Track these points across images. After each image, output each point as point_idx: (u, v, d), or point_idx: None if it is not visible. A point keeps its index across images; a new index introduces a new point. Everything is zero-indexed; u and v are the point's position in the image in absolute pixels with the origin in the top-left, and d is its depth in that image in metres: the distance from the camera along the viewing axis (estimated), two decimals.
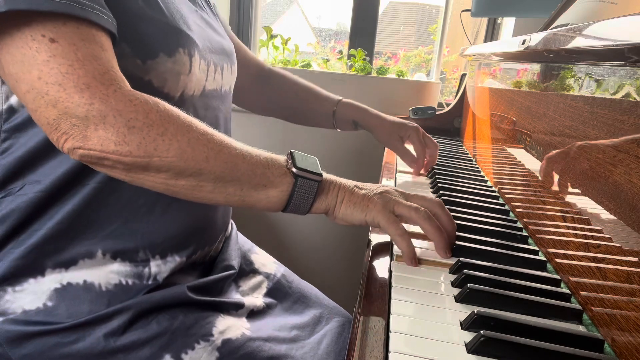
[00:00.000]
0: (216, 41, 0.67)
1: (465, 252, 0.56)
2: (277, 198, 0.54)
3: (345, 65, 1.59)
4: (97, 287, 0.56)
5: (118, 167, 0.48)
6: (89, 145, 0.46)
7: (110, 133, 0.45)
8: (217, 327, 0.60)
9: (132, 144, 0.46)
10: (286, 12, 2.46)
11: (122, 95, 0.46)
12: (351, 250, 1.64)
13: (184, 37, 0.57)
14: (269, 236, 1.67)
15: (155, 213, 0.58)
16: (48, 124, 0.46)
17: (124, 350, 0.55)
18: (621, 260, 0.41)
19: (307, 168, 0.55)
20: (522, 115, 0.75)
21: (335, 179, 0.58)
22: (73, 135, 0.45)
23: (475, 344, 0.38)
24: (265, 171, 0.53)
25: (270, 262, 0.81)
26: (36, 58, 0.44)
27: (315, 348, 0.65)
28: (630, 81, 0.42)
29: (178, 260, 0.61)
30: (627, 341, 0.38)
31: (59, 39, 0.44)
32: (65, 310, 0.55)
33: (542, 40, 0.61)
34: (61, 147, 0.47)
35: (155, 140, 0.47)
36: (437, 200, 0.59)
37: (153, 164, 0.48)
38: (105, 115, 0.45)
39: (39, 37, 0.44)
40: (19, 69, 0.44)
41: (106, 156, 0.46)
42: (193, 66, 0.58)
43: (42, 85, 0.44)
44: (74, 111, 0.44)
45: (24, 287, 0.55)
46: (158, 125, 0.47)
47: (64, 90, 0.44)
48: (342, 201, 0.57)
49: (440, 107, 1.44)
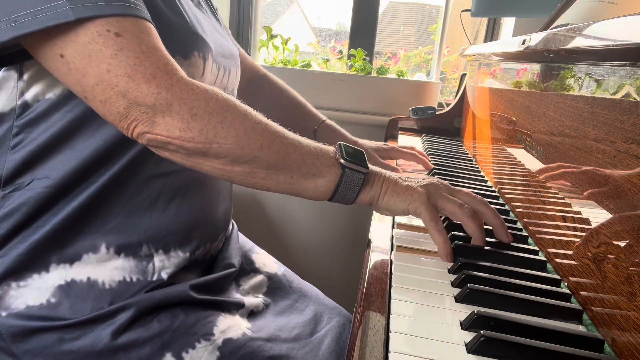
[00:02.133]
0: (225, 45, 0.69)
1: (465, 252, 0.56)
2: (324, 187, 0.56)
3: (345, 65, 1.59)
4: (100, 284, 0.57)
5: (180, 151, 0.50)
6: (157, 131, 0.49)
7: (176, 120, 0.48)
8: (218, 326, 0.60)
9: (194, 130, 0.49)
10: (286, 12, 2.46)
11: (185, 84, 0.49)
12: (351, 250, 1.64)
13: (200, 41, 0.59)
14: (270, 236, 1.67)
15: (158, 207, 0.59)
16: (118, 113, 0.48)
17: (126, 348, 0.55)
18: (621, 260, 0.41)
19: (355, 160, 0.57)
20: (522, 115, 0.75)
21: (381, 170, 0.60)
22: (143, 121, 0.48)
23: (475, 344, 0.38)
24: (315, 161, 0.56)
25: (271, 262, 0.81)
26: (104, 52, 0.46)
27: (316, 348, 0.65)
28: (630, 81, 0.42)
29: (182, 256, 0.62)
30: (627, 341, 0.38)
31: (123, 33, 0.47)
32: (69, 307, 0.55)
33: (542, 40, 0.61)
34: (130, 133, 0.50)
35: (215, 127, 0.50)
36: (481, 198, 0.60)
37: (212, 150, 0.50)
38: (171, 103, 0.48)
39: (105, 32, 0.46)
40: (86, 64, 0.46)
41: (171, 141, 0.49)
42: (206, 69, 0.60)
43: (111, 77, 0.46)
44: (143, 100, 0.47)
45: (28, 282, 0.55)
46: (218, 114, 0.50)
47: (132, 81, 0.47)
48: (387, 192, 0.58)
49: (440, 107, 1.44)
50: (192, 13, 0.60)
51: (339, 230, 1.63)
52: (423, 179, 0.60)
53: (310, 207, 1.62)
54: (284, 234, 1.67)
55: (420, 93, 1.50)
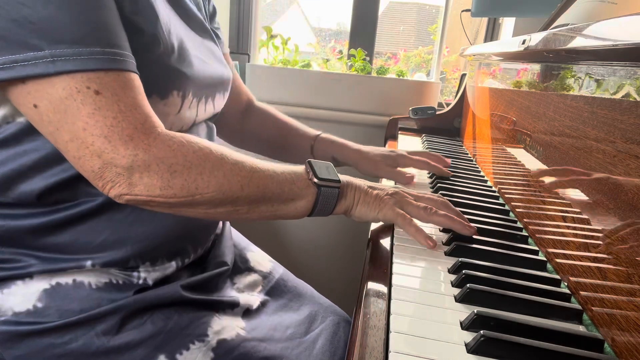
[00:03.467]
0: (215, 71, 0.67)
1: (465, 252, 0.56)
2: (304, 207, 0.59)
3: (345, 65, 1.59)
4: (87, 285, 0.56)
5: (163, 206, 0.51)
6: (136, 192, 0.48)
7: (155, 179, 0.48)
8: (212, 327, 0.60)
9: (175, 187, 0.49)
10: (286, 12, 2.46)
11: (162, 142, 0.49)
12: (348, 249, 1.64)
13: (182, 79, 0.57)
14: (266, 234, 1.67)
15: (144, 221, 0.58)
16: (92, 172, 0.47)
17: (118, 350, 0.54)
18: (621, 260, 0.41)
19: (327, 177, 0.60)
20: (522, 115, 0.75)
21: (351, 180, 0.64)
22: (119, 183, 0.48)
23: (476, 344, 0.38)
24: (292, 187, 0.58)
25: (266, 261, 0.81)
26: (80, 110, 0.45)
27: (310, 347, 0.65)
28: (630, 81, 0.42)
29: (167, 265, 0.62)
30: (627, 341, 0.38)
31: (102, 90, 0.45)
32: (56, 310, 0.54)
33: (542, 40, 0.61)
34: (107, 193, 0.49)
35: (195, 180, 0.50)
36: (443, 200, 0.64)
37: (195, 201, 0.51)
38: (149, 164, 0.48)
39: (84, 89, 0.45)
40: (61, 118, 0.45)
41: (152, 199, 0.49)
42: (183, 106, 0.59)
43: (87, 136, 0.45)
44: (119, 162, 0.47)
45: (12, 289, 0.55)
46: (196, 166, 0.50)
47: (109, 142, 0.46)
48: (359, 202, 0.62)
49: (440, 107, 1.44)
50: (179, 43, 0.57)
51: (336, 229, 1.63)
52: (390, 189, 0.65)
53: None
54: (280, 232, 1.67)
55: (420, 93, 1.50)
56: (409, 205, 0.62)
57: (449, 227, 0.60)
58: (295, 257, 1.67)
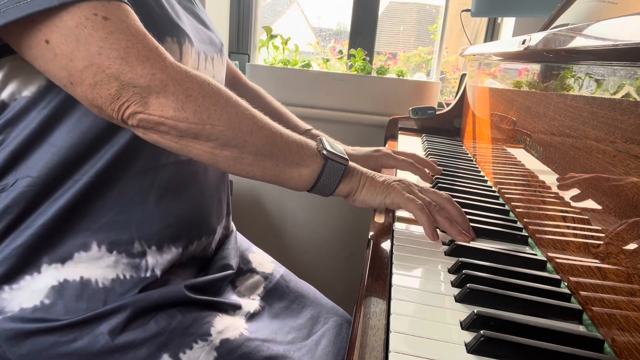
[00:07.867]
0: (204, 32, 0.68)
1: (465, 252, 0.56)
2: (307, 177, 0.58)
3: (345, 65, 1.59)
4: (93, 283, 0.56)
5: (172, 132, 0.51)
6: (150, 111, 0.49)
7: (170, 100, 0.49)
8: (216, 326, 0.60)
9: (188, 111, 0.50)
10: (286, 12, 2.45)
11: (178, 66, 0.50)
12: (349, 249, 1.64)
13: (174, 27, 0.58)
14: (268, 236, 1.67)
15: (149, 203, 0.59)
16: (110, 95, 0.48)
17: (122, 349, 0.55)
18: (621, 260, 0.41)
19: (336, 152, 0.60)
20: (522, 115, 0.75)
21: (357, 165, 0.64)
22: (135, 102, 0.48)
23: (476, 344, 0.38)
24: (300, 150, 0.58)
25: (268, 262, 0.81)
26: (93, 36, 0.46)
27: (313, 349, 0.65)
28: (630, 81, 0.42)
29: (175, 252, 0.61)
30: (627, 341, 0.38)
31: (110, 17, 0.46)
32: (63, 308, 0.55)
33: (542, 40, 0.61)
34: (121, 115, 0.49)
35: (208, 109, 0.51)
36: (447, 196, 0.64)
37: (205, 131, 0.51)
38: (166, 84, 0.48)
39: (92, 16, 0.46)
40: (74, 48, 0.46)
41: (164, 121, 0.50)
42: (184, 53, 0.59)
43: (103, 60, 0.46)
44: (137, 81, 0.47)
45: (21, 284, 0.55)
46: (211, 96, 0.51)
47: (126, 63, 0.47)
48: (364, 185, 0.62)
49: (440, 107, 1.44)
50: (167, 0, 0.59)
51: (339, 230, 1.63)
52: (396, 177, 0.65)
53: (310, 206, 1.62)
54: (283, 234, 1.67)
55: (420, 93, 1.50)
56: (414, 196, 0.62)
57: (446, 230, 0.60)
58: (297, 257, 1.67)
